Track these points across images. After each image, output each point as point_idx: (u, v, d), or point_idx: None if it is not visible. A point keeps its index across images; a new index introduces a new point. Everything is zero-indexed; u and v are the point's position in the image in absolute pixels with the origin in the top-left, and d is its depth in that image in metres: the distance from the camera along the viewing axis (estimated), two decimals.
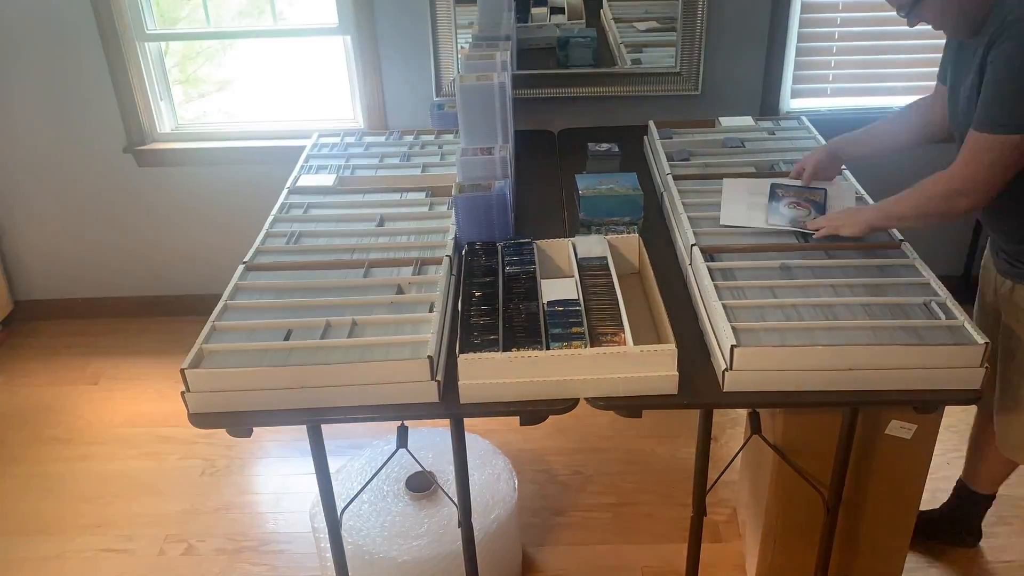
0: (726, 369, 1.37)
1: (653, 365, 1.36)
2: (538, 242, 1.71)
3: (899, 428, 1.63)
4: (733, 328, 1.40)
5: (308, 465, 1.61)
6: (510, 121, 1.98)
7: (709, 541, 2.13)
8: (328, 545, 1.71)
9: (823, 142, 2.17)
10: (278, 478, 2.46)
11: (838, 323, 1.43)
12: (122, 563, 2.19)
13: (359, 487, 1.80)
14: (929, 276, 1.57)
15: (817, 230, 1.71)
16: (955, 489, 2.11)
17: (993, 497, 2.08)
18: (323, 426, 1.50)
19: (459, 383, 1.37)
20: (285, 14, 3.42)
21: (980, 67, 1.49)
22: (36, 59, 2.79)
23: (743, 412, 1.81)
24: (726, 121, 2.33)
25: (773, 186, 1.83)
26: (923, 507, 1.95)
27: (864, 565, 1.90)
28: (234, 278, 1.65)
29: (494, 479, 1.96)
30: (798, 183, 1.86)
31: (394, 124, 2.84)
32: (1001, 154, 1.45)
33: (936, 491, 2.26)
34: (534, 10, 2.70)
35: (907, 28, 1.59)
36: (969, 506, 2.09)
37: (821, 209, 1.75)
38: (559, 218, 2.02)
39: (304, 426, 1.48)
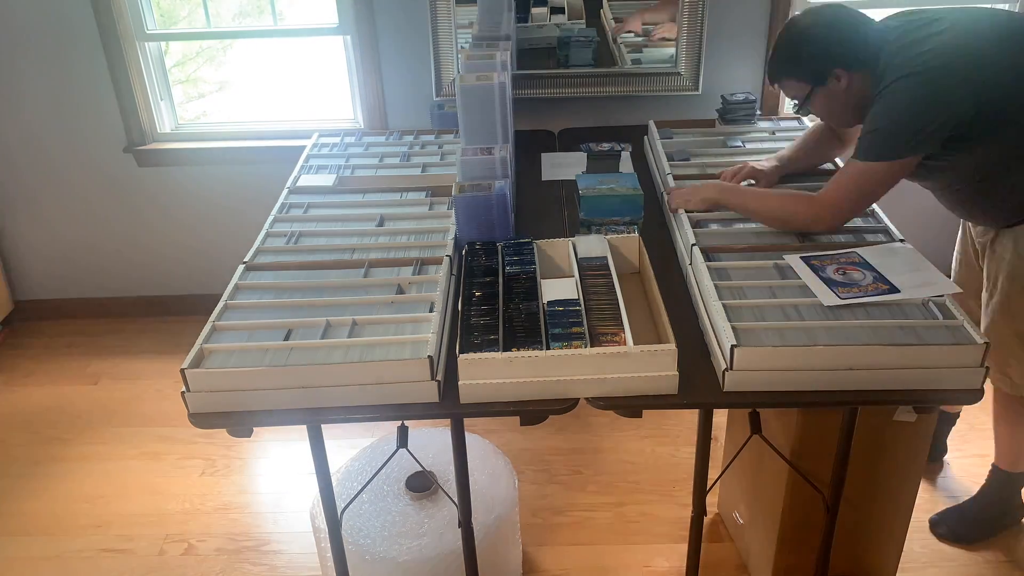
0: (726, 369, 1.37)
1: (653, 365, 1.36)
2: (538, 242, 1.71)
3: (905, 412, 1.67)
4: (733, 328, 1.40)
5: (308, 465, 1.61)
6: (510, 121, 1.98)
7: (709, 541, 2.13)
8: (328, 545, 1.71)
9: None
10: (278, 478, 2.47)
11: (838, 323, 1.43)
12: (122, 563, 2.19)
13: (359, 487, 1.80)
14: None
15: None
16: (989, 475, 2.13)
17: None
18: (323, 426, 1.50)
19: (459, 383, 1.37)
20: (285, 14, 3.42)
21: None
22: (36, 59, 2.79)
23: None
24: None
25: (805, 259, 1.62)
26: (920, 514, 1.97)
27: (864, 560, 1.91)
28: (234, 278, 1.65)
29: (494, 479, 1.96)
30: (827, 253, 1.65)
31: (394, 124, 2.84)
32: (860, 180, 1.64)
33: (936, 491, 2.27)
34: (534, 10, 2.70)
35: None
36: (1008, 486, 2.11)
37: (869, 267, 1.59)
38: (559, 218, 2.02)
39: (304, 426, 1.48)
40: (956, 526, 2.13)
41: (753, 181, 1.93)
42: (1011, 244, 1.76)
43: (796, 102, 1.78)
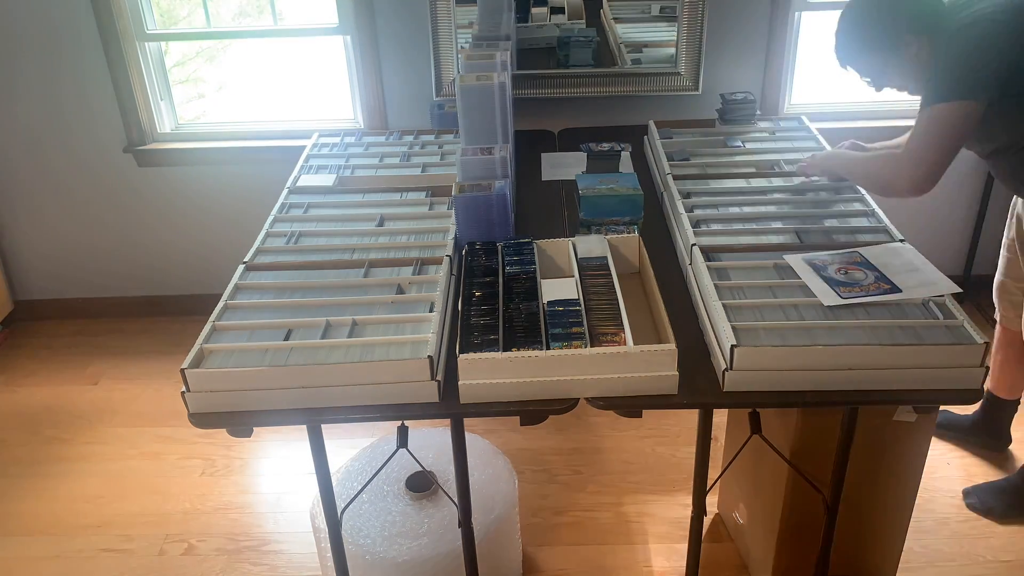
0: (726, 369, 1.37)
1: (653, 365, 1.36)
2: (538, 242, 1.71)
3: (905, 412, 1.68)
4: (733, 328, 1.40)
5: (308, 465, 1.61)
6: (510, 121, 1.98)
7: (709, 541, 2.13)
8: (328, 545, 1.71)
9: (823, 142, 2.18)
10: (278, 478, 2.47)
11: (838, 323, 1.43)
12: (122, 563, 2.19)
13: (359, 487, 1.80)
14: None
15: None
16: (983, 400, 2.29)
17: (1017, 403, 2.32)
18: (323, 426, 1.50)
19: (459, 383, 1.37)
20: (285, 14, 3.42)
21: None
22: (36, 59, 2.79)
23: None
24: None
25: (806, 260, 1.61)
26: (920, 514, 1.97)
27: (864, 560, 1.91)
28: (234, 278, 1.65)
29: (494, 479, 1.96)
30: (828, 252, 1.64)
31: (394, 124, 2.84)
32: (932, 126, 1.63)
33: (936, 491, 2.27)
34: (534, 10, 2.70)
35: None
36: (996, 411, 2.33)
37: (871, 267, 1.59)
38: (559, 218, 2.02)
39: (304, 426, 1.48)
40: (987, 499, 2.20)
41: None
42: None
43: (869, 80, 1.81)
